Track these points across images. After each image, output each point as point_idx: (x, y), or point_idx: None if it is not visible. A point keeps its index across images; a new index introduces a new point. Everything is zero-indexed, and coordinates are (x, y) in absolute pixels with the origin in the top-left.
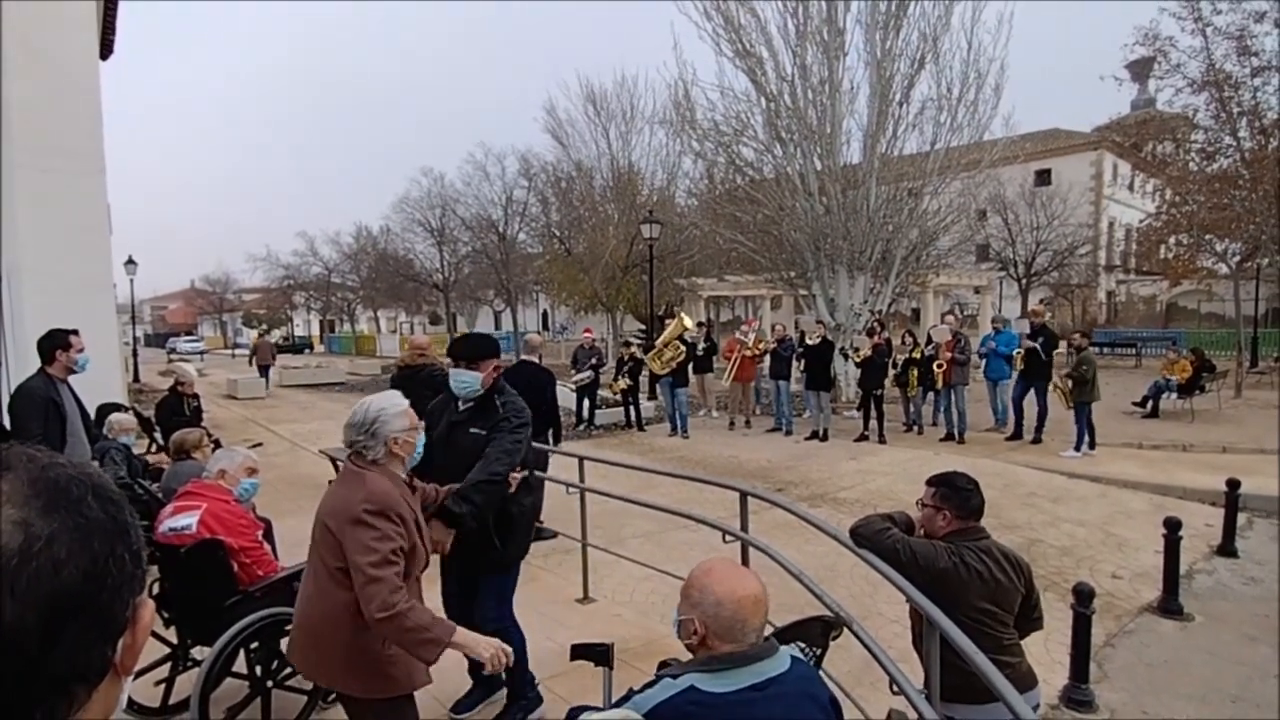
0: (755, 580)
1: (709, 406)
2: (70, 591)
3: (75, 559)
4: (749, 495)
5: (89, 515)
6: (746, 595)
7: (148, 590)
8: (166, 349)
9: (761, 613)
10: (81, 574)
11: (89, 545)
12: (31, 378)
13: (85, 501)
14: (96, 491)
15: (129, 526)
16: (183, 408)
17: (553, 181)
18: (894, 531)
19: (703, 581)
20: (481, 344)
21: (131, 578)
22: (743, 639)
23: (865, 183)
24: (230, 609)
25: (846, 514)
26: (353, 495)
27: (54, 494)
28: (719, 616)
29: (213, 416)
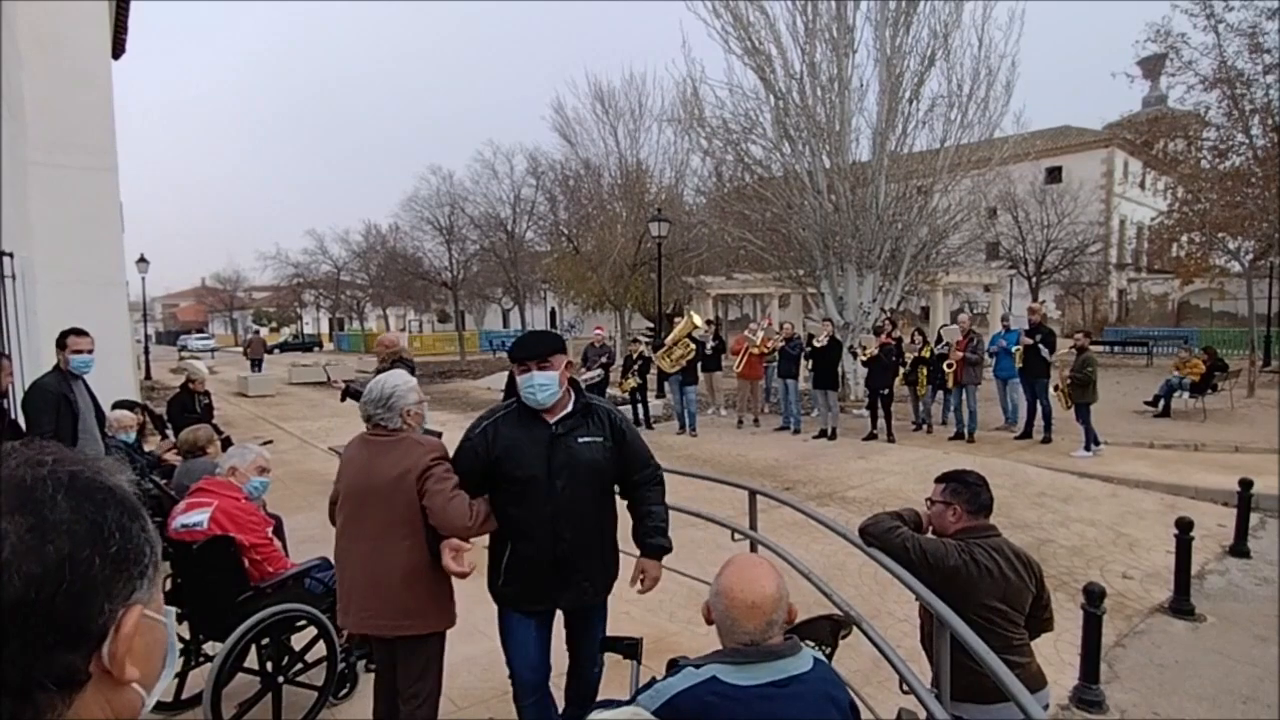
0: (767, 587)
1: (717, 405)
2: (15, 594)
3: (24, 562)
4: (758, 494)
5: (50, 517)
6: (742, 598)
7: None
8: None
9: (757, 618)
10: (29, 578)
11: (42, 548)
12: (45, 375)
13: (50, 501)
14: (73, 491)
15: (106, 527)
16: (194, 405)
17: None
18: (903, 530)
19: (721, 572)
20: (546, 339)
21: (105, 582)
22: (734, 638)
23: (874, 180)
24: (241, 605)
25: (855, 513)
26: (408, 453)
27: (17, 493)
28: (717, 608)
29: (223, 414)
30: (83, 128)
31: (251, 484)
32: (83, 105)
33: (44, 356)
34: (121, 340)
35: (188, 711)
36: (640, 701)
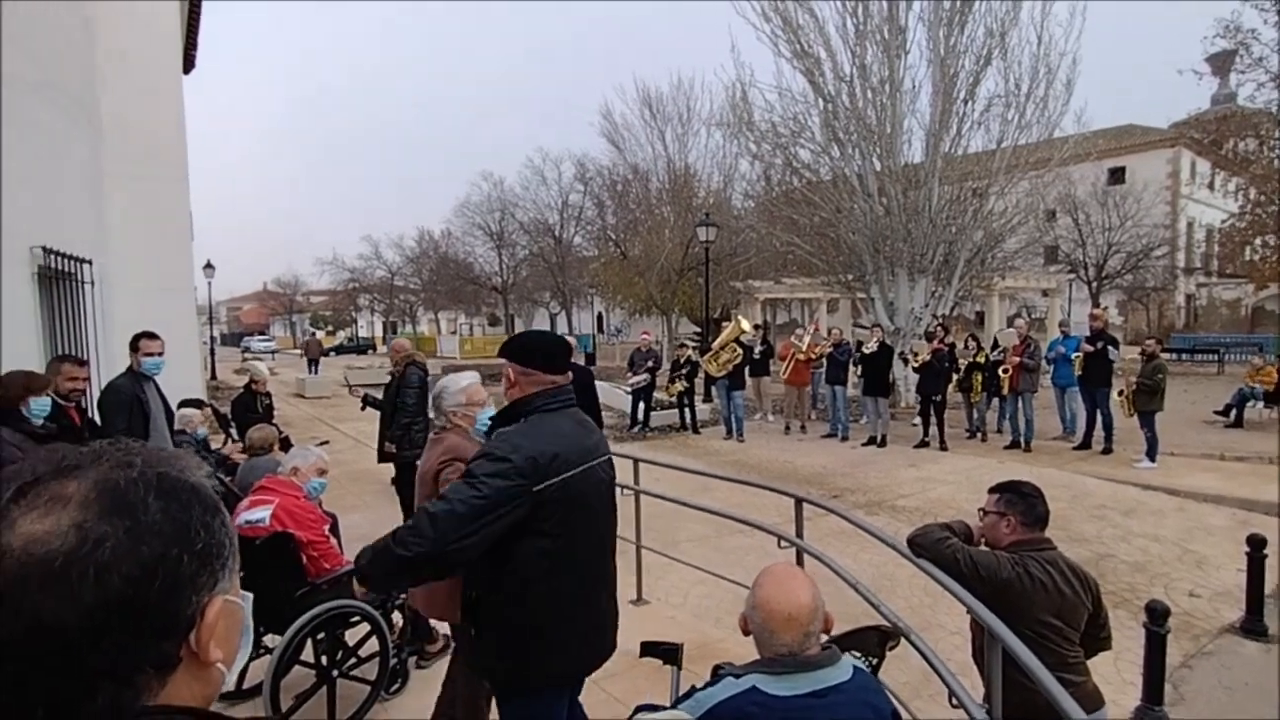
0: (803, 596)
1: (764, 410)
2: (113, 593)
3: (122, 562)
4: (804, 501)
5: (143, 519)
6: (778, 609)
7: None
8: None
9: (795, 630)
10: (126, 577)
11: (138, 549)
12: (119, 376)
13: (142, 504)
14: (161, 492)
15: (191, 527)
16: (256, 405)
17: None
18: (953, 541)
19: (758, 581)
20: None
21: (192, 577)
22: (771, 648)
23: (927, 183)
24: (299, 600)
25: (905, 522)
26: (433, 452)
27: (113, 497)
28: (754, 620)
29: (282, 414)
30: (156, 140)
31: (311, 484)
32: (156, 119)
33: (119, 359)
34: (190, 343)
35: (248, 701)
36: (681, 709)
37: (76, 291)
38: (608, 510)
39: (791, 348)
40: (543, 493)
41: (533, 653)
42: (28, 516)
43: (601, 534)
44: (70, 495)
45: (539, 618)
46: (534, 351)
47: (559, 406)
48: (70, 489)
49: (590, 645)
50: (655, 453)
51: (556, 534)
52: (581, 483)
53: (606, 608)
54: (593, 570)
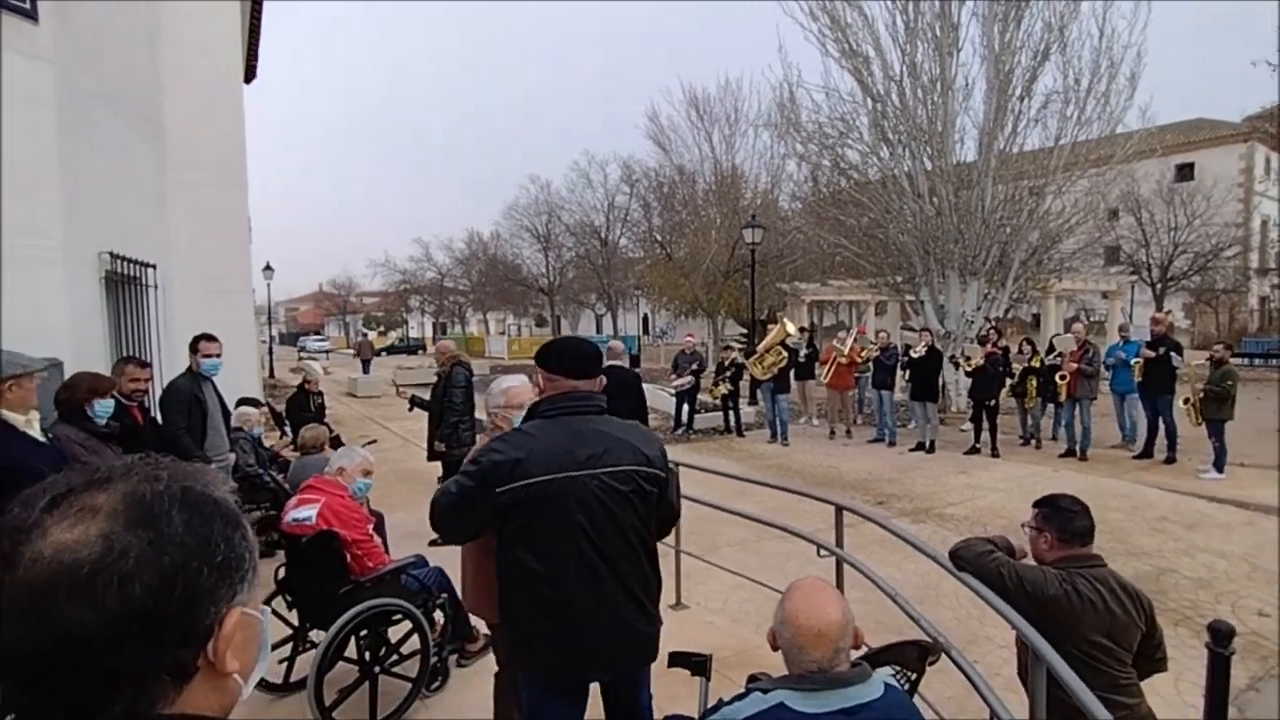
0: (833, 611)
1: (810, 414)
2: (135, 602)
3: (145, 572)
4: (844, 509)
5: (166, 531)
6: (807, 625)
7: (274, 576)
8: (297, 348)
9: (824, 646)
10: (147, 586)
11: (160, 560)
12: (179, 376)
13: (166, 516)
14: (185, 505)
15: (212, 540)
16: (309, 404)
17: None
18: (998, 555)
19: (787, 595)
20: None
21: (211, 588)
22: (800, 664)
23: (980, 182)
24: (343, 597)
25: (953, 531)
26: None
27: (140, 509)
28: (783, 635)
29: (334, 413)
30: (216, 149)
31: (356, 484)
32: (217, 128)
33: (181, 360)
34: (247, 344)
35: (294, 694)
36: None
37: (141, 295)
38: (607, 517)
39: (834, 351)
40: (503, 495)
41: (526, 648)
42: (60, 525)
43: (589, 544)
44: (100, 506)
45: (523, 615)
46: (559, 358)
47: (558, 414)
48: (100, 500)
49: (589, 648)
50: (698, 455)
51: (526, 536)
52: (554, 489)
53: (611, 613)
54: (583, 575)
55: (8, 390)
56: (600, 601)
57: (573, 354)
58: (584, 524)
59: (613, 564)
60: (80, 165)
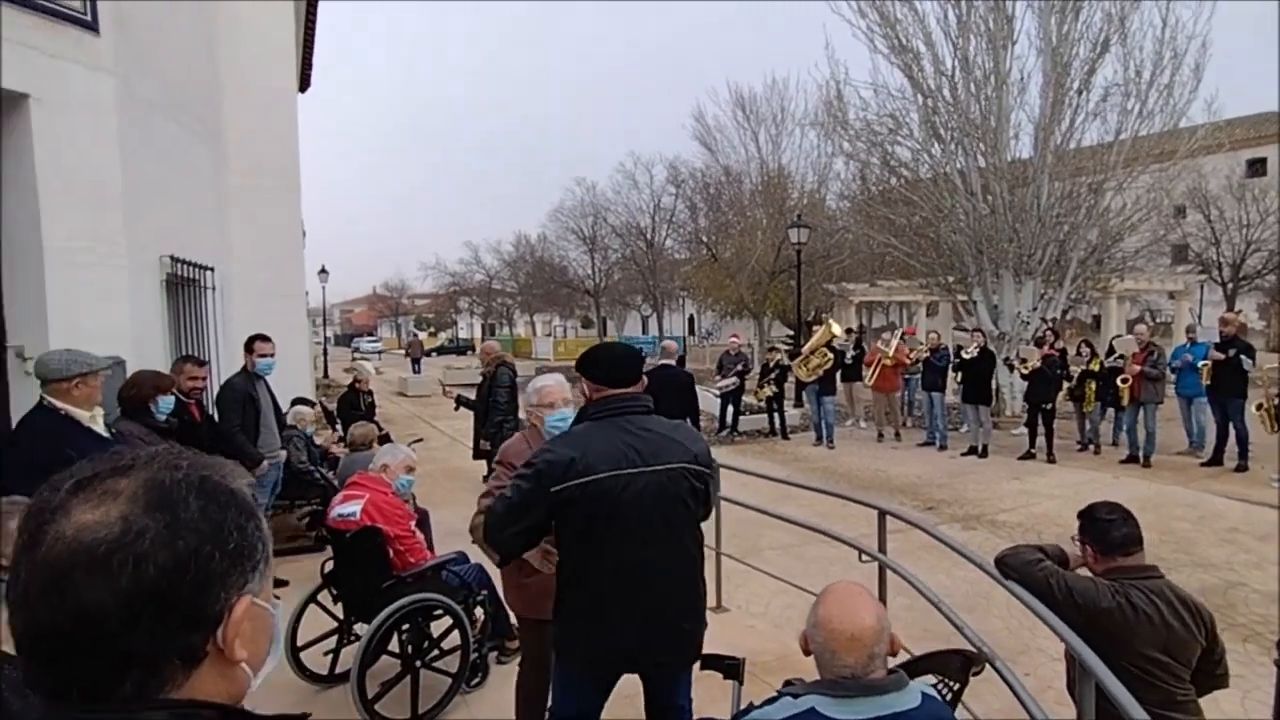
0: (867, 616)
1: (857, 416)
2: (149, 583)
3: (159, 554)
4: (887, 514)
5: (182, 516)
6: (840, 629)
7: (321, 570)
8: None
9: (857, 651)
10: (161, 568)
11: (175, 543)
12: (234, 375)
13: (183, 502)
14: (202, 493)
15: (226, 527)
16: (359, 402)
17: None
18: (1046, 563)
19: (819, 599)
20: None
21: (222, 574)
22: (833, 670)
23: (1036, 179)
24: (385, 592)
25: (1005, 538)
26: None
27: (159, 494)
28: (815, 640)
29: (385, 411)
30: (272, 156)
31: (400, 481)
32: (272, 136)
33: (238, 359)
34: (300, 345)
35: (338, 686)
36: None
37: (199, 296)
38: (657, 516)
39: (878, 353)
40: (560, 493)
41: (573, 633)
42: (83, 507)
43: (644, 539)
44: (121, 490)
45: (577, 609)
46: (599, 369)
47: (606, 415)
48: (122, 485)
49: (637, 643)
50: (742, 457)
51: (582, 531)
52: (610, 487)
53: (661, 610)
54: (636, 571)
55: (74, 388)
56: (652, 598)
57: (611, 364)
58: (638, 521)
59: (665, 561)
60: (142, 172)
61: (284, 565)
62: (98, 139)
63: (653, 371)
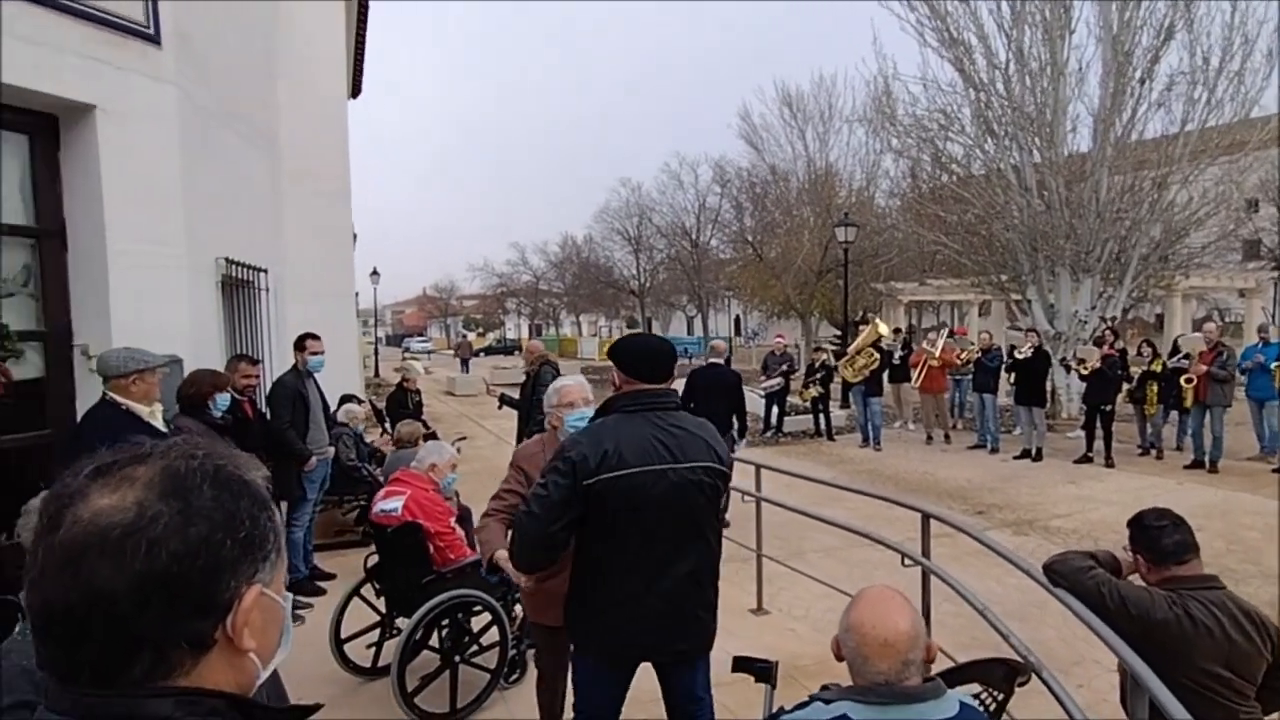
0: (900, 622)
1: (905, 418)
2: (160, 567)
3: (171, 539)
4: (931, 517)
5: (195, 503)
6: (873, 635)
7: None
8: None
9: (891, 658)
10: (173, 553)
11: (187, 530)
12: (285, 373)
13: (197, 490)
14: (216, 482)
15: (238, 516)
16: (407, 401)
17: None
18: (1098, 571)
19: (852, 604)
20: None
21: (233, 562)
22: (865, 676)
23: (1095, 173)
24: (425, 587)
25: (1059, 545)
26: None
27: (173, 481)
28: (847, 645)
29: (432, 410)
30: (323, 162)
31: (446, 479)
32: (323, 142)
33: (290, 358)
34: (350, 344)
35: (381, 678)
36: None
37: (253, 297)
38: (683, 512)
39: (924, 353)
40: (592, 486)
41: (592, 627)
42: (100, 492)
43: (667, 534)
44: (138, 477)
45: (596, 601)
46: (631, 358)
47: (638, 409)
48: (139, 472)
49: (656, 634)
50: (786, 459)
51: (606, 525)
52: (641, 481)
53: (680, 603)
54: (658, 565)
55: (131, 384)
56: (671, 591)
57: (646, 358)
58: (664, 516)
59: (685, 555)
60: (199, 178)
61: (331, 559)
62: (159, 147)
63: (701, 370)
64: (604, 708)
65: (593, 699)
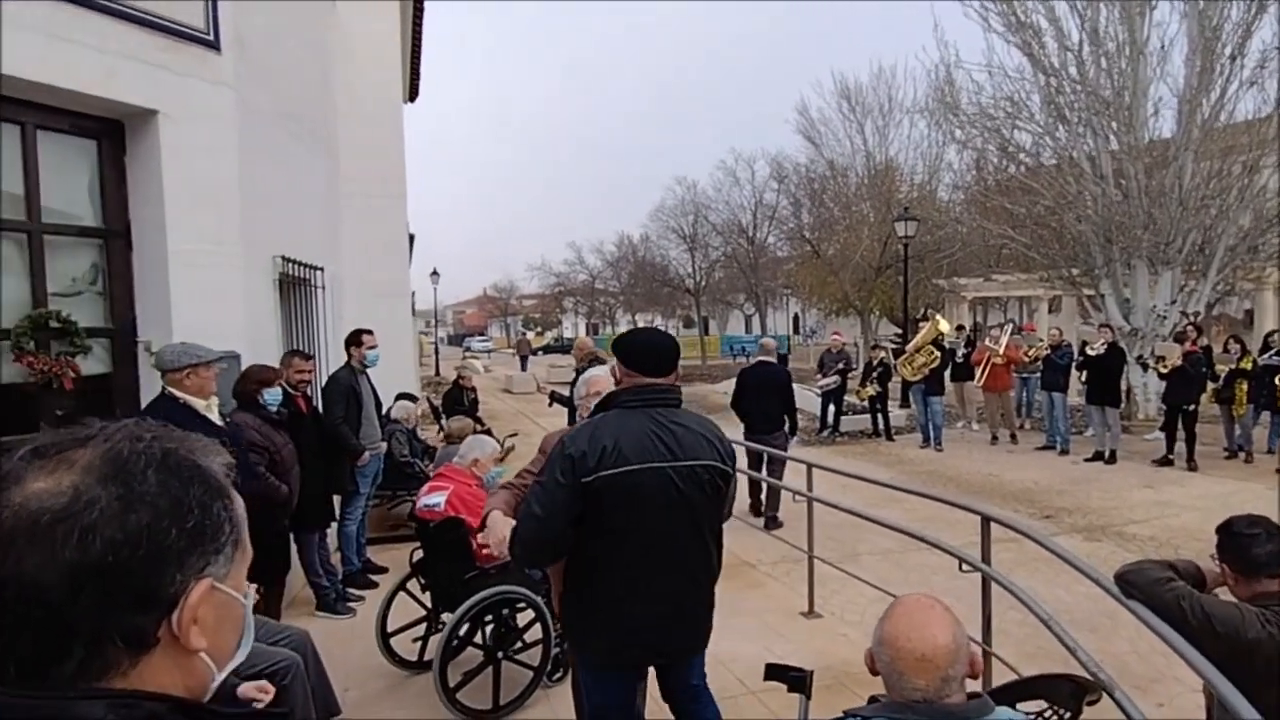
0: (939, 634)
1: (969, 418)
2: (94, 556)
3: (107, 526)
4: (992, 520)
5: (137, 488)
6: (908, 648)
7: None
8: (463, 347)
9: (928, 673)
10: (109, 541)
11: (126, 517)
12: (339, 369)
13: (141, 475)
14: (163, 467)
15: (186, 503)
16: (463, 398)
17: (804, 182)
18: (1178, 584)
19: (887, 613)
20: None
21: (179, 553)
22: (902, 693)
23: (1178, 158)
24: (468, 583)
25: (1136, 552)
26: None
27: (114, 465)
28: (881, 658)
29: (489, 408)
30: (380, 164)
31: (490, 474)
32: (380, 144)
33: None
34: (405, 342)
35: (426, 673)
36: None
37: (310, 295)
38: (685, 508)
39: (987, 351)
40: (590, 484)
41: (589, 633)
42: (37, 475)
43: (666, 532)
44: (77, 460)
45: (593, 601)
46: (632, 353)
47: (639, 405)
48: (79, 454)
49: (655, 633)
50: (843, 459)
51: (604, 522)
52: (641, 478)
53: (679, 601)
54: (656, 563)
55: (184, 378)
56: (672, 591)
57: (649, 352)
58: (664, 513)
59: (684, 553)
60: (257, 179)
61: (385, 553)
62: (218, 149)
63: (751, 369)
64: (613, 711)
65: (600, 703)
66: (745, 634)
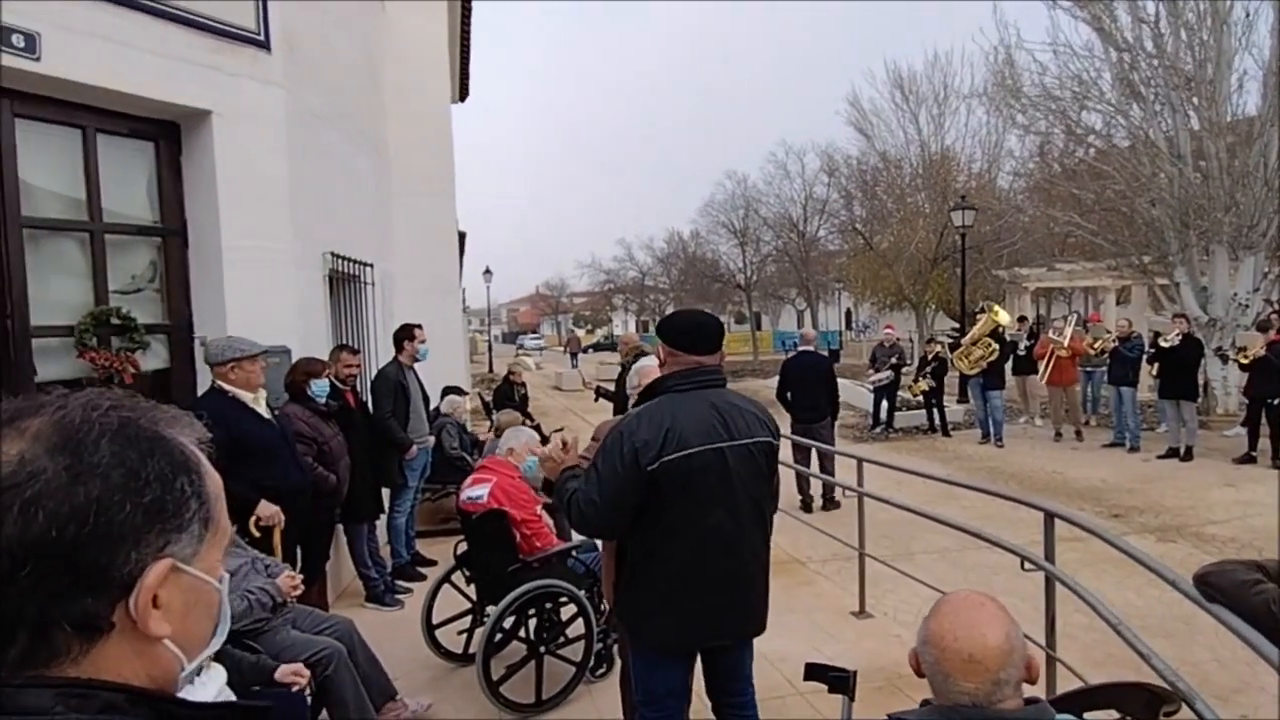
0: (990, 634)
1: (1031, 413)
2: (36, 532)
3: (50, 499)
4: (1056, 517)
5: (87, 460)
6: (955, 648)
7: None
8: (516, 345)
9: (977, 676)
10: (52, 515)
11: (74, 490)
12: (387, 364)
13: (93, 445)
14: (119, 437)
15: (144, 476)
16: (513, 394)
17: (855, 174)
18: (1267, 587)
19: (934, 611)
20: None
21: (135, 529)
22: (948, 696)
23: (1265, 134)
24: (511, 575)
25: (1214, 554)
26: None
27: (64, 433)
28: (925, 659)
29: (539, 404)
30: (429, 163)
31: (526, 464)
32: (429, 144)
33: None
34: (456, 336)
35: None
36: None
37: (359, 291)
38: (741, 490)
39: (1050, 343)
40: (655, 470)
41: (648, 619)
42: None
43: (727, 513)
44: (27, 428)
45: (654, 586)
46: (679, 332)
47: (690, 388)
48: (30, 423)
49: (710, 614)
50: (897, 455)
51: (666, 505)
52: (702, 461)
53: (742, 583)
54: (720, 545)
55: (230, 371)
56: (734, 571)
57: (694, 329)
58: (724, 495)
59: (744, 535)
60: (307, 177)
61: (434, 546)
62: (269, 148)
63: (793, 359)
64: (667, 696)
65: (654, 688)
66: (794, 633)
